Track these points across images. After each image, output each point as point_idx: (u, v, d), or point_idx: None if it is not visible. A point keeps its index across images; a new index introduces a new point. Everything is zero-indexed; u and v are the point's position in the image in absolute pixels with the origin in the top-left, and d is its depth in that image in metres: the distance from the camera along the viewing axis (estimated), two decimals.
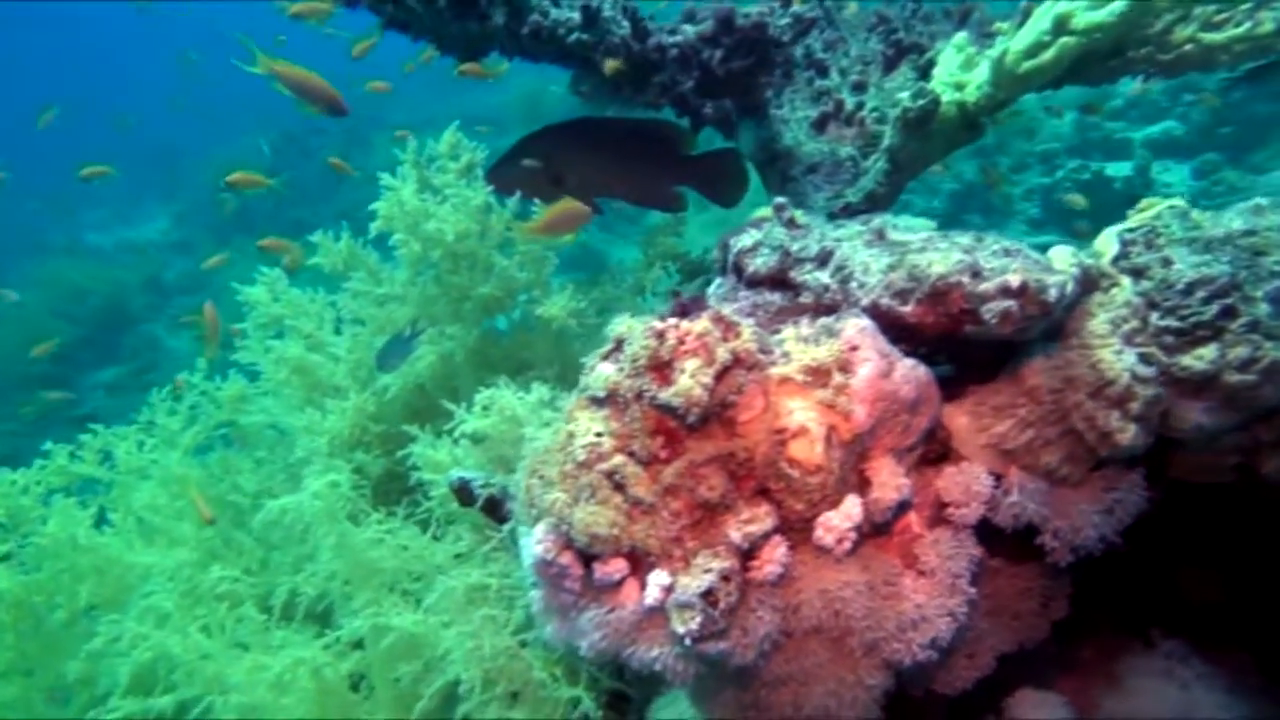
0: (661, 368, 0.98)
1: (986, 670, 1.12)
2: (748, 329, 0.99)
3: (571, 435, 1.02)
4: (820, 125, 1.94)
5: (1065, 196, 5.42)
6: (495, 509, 1.41)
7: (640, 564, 0.99)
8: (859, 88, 1.96)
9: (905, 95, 1.64)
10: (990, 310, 0.98)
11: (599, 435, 1.00)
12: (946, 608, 0.98)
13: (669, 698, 1.29)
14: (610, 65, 1.83)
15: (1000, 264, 1.00)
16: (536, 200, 1.78)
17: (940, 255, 1.03)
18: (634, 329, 1.02)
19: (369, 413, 1.73)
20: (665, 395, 0.96)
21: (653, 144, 2.03)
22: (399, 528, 1.47)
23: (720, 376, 0.96)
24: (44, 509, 1.66)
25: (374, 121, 9.68)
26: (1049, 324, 1.03)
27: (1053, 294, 0.98)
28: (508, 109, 8.92)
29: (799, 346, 1.01)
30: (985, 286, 0.99)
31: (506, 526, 1.31)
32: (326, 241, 1.91)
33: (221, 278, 8.00)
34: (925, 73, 1.89)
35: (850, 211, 1.77)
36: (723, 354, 0.96)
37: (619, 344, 1.04)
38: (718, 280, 1.28)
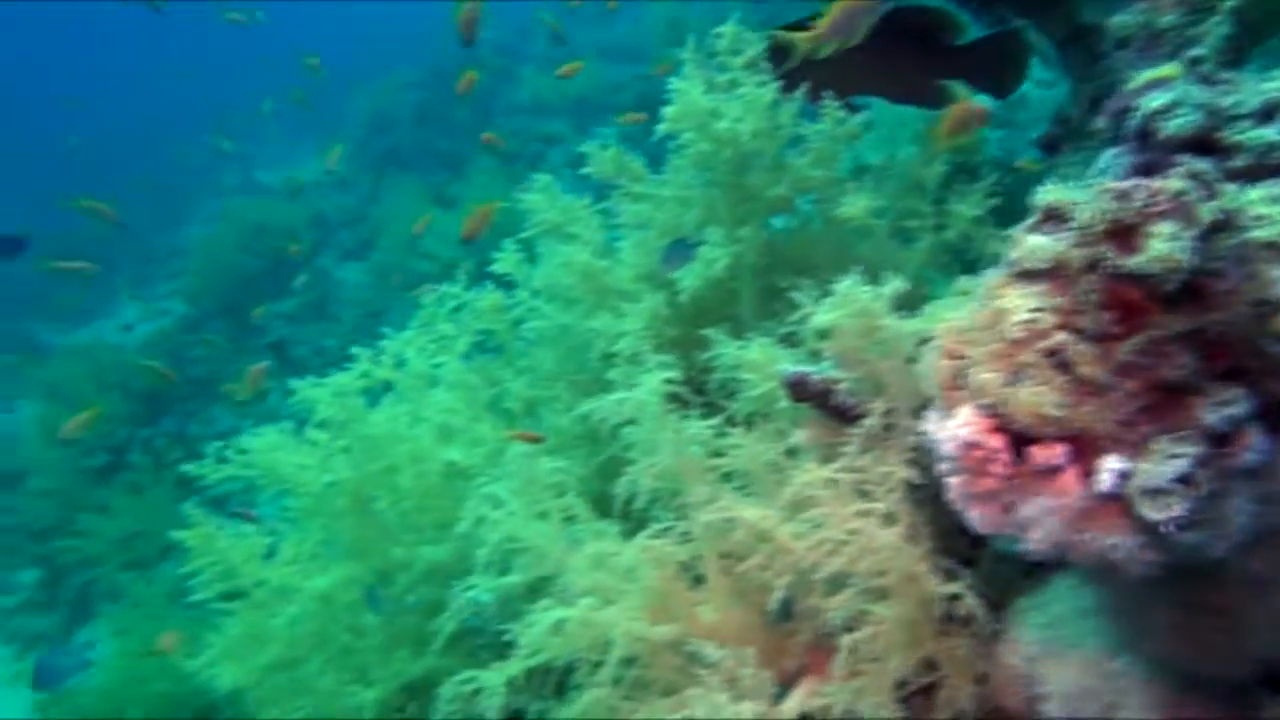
0: (1124, 233, 0.90)
1: None
2: (1229, 187, 0.90)
3: (1002, 312, 0.97)
4: None
5: None
6: (830, 402, 1.38)
7: (1086, 448, 0.94)
8: None
9: None
10: None
11: (1037, 311, 0.94)
12: None
13: (1035, 599, 1.25)
14: None
15: None
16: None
17: None
18: (1070, 194, 0.94)
19: (663, 316, 1.72)
20: (1134, 263, 0.89)
21: (914, 32, 1.90)
22: (723, 424, 1.47)
23: (1202, 240, 0.88)
24: (368, 408, 1.75)
25: (517, 55, 9.71)
26: None
27: None
28: (649, 36, 8.76)
29: (1276, 209, 0.91)
30: None
31: (869, 421, 1.28)
32: (594, 150, 1.90)
33: (378, 210, 8.31)
34: None
35: None
36: (1205, 215, 0.88)
37: (1049, 214, 0.97)
38: (1112, 151, 1.18)
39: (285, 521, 1.89)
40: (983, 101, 2.06)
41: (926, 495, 1.28)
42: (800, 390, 1.40)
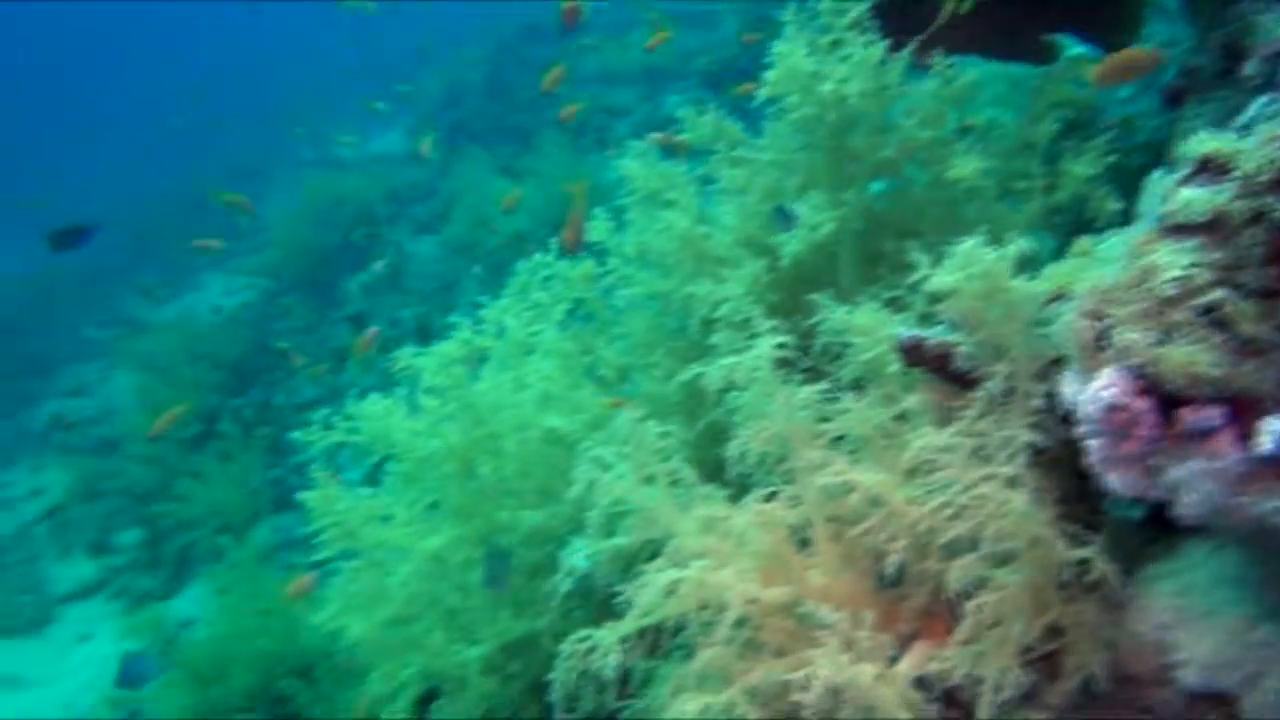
0: None
1: None
2: None
3: (1151, 269, 0.93)
4: None
5: None
6: (948, 366, 1.36)
7: (1244, 409, 0.90)
8: None
9: None
10: None
11: (1191, 267, 0.91)
12: None
13: (1165, 565, 1.22)
14: None
15: None
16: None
17: None
18: (1230, 143, 0.90)
19: (764, 281, 1.71)
20: None
21: None
22: (831, 390, 1.45)
23: None
24: (471, 376, 1.79)
25: (579, 29, 9.65)
26: None
27: None
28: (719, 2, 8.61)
29: None
30: None
31: (989, 384, 1.25)
32: (691, 115, 1.89)
33: (450, 184, 8.40)
34: None
35: None
36: None
37: (1205, 164, 0.93)
38: (1264, 99, 1.12)
39: (387, 485, 1.95)
40: (1093, 55, 1.98)
41: (1049, 459, 1.26)
42: (915, 354, 1.38)
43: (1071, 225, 1.80)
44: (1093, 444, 0.99)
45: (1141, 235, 0.96)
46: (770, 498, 1.45)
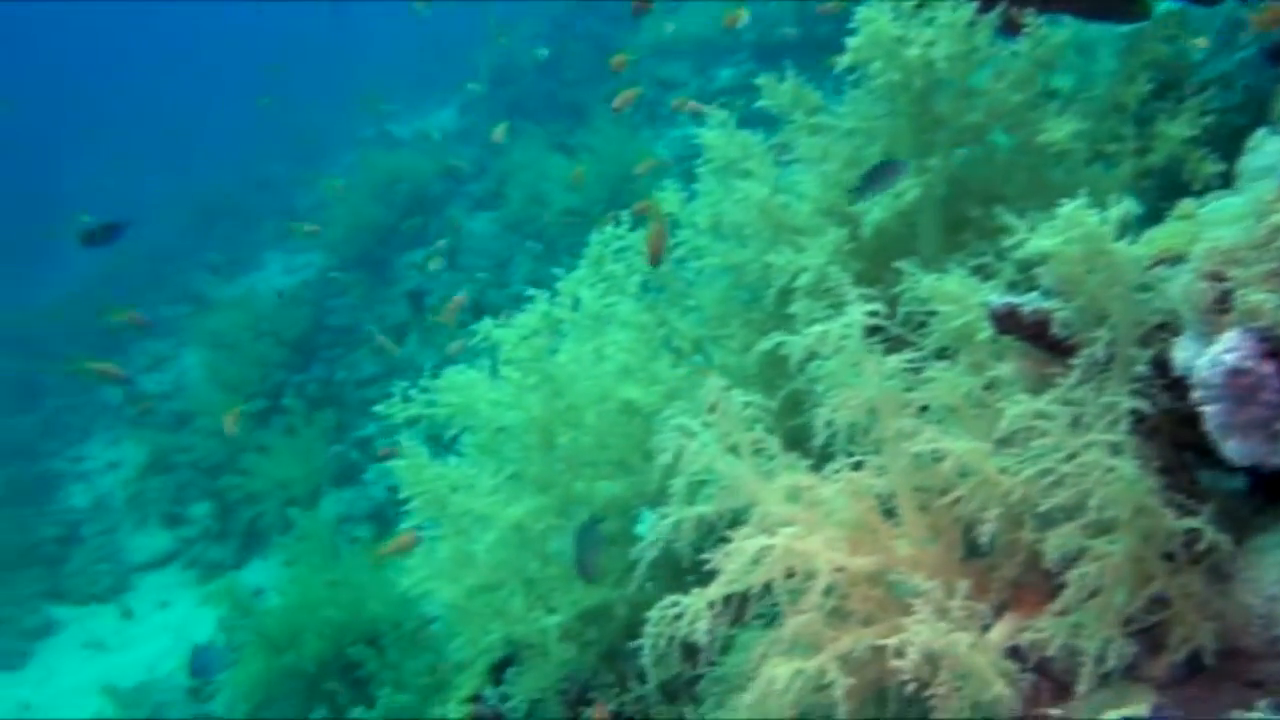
0: None
1: None
2: None
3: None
4: None
5: None
6: (1044, 333, 1.33)
7: None
8: None
9: None
10: None
11: None
12: None
13: (1276, 536, 1.18)
14: None
15: None
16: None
17: None
18: None
19: (845, 250, 1.69)
20: None
21: None
22: (918, 358, 1.44)
23: None
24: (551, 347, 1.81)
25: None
26: None
27: None
28: None
29: None
30: None
31: (1089, 350, 1.22)
32: (770, 83, 1.87)
33: (505, 161, 8.43)
34: None
35: None
36: None
37: None
38: None
39: (466, 456, 1.97)
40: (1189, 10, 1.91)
41: (1149, 428, 1.23)
42: (1008, 322, 1.36)
43: (1162, 189, 1.75)
44: (1210, 409, 0.96)
45: (1270, 193, 0.93)
46: (857, 467, 1.44)
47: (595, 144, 7.37)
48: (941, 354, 1.53)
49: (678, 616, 1.39)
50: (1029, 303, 1.33)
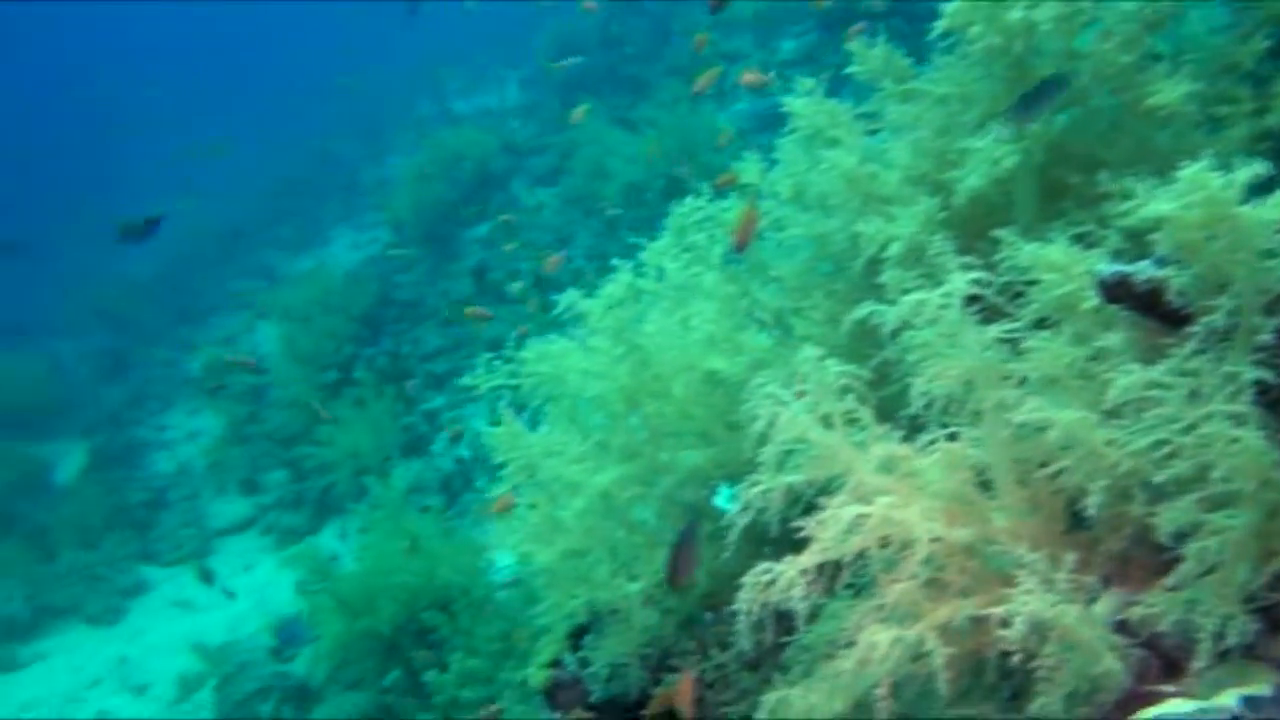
0: None
1: None
2: None
3: None
4: None
5: None
6: (1158, 303, 1.29)
7: None
8: None
9: None
10: None
11: None
12: None
13: None
14: None
15: None
16: None
17: None
18: None
19: (937, 219, 1.66)
20: None
21: None
22: (1020, 327, 1.41)
23: None
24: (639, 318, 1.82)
25: None
26: None
27: None
28: None
29: None
30: None
31: (1208, 319, 1.18)
32: (860, 48, 1.83)
33: (564, 137, 8.44)
34: None
35: None
36: None
37: None
38: None
39: (552, 425, 2.00)
40: None
41: (1273, 399, 1.19)
42: (1119, 290, 1.32)
43: (1277, 151, 1.67)
44: None
45: None
46: (951, 438, 1.42)
47: (658, 118, 7.33)
48: (1040, 324, 1.50)
49: (770, 583, 1.40)
50: (1141, 271, 1.29)
